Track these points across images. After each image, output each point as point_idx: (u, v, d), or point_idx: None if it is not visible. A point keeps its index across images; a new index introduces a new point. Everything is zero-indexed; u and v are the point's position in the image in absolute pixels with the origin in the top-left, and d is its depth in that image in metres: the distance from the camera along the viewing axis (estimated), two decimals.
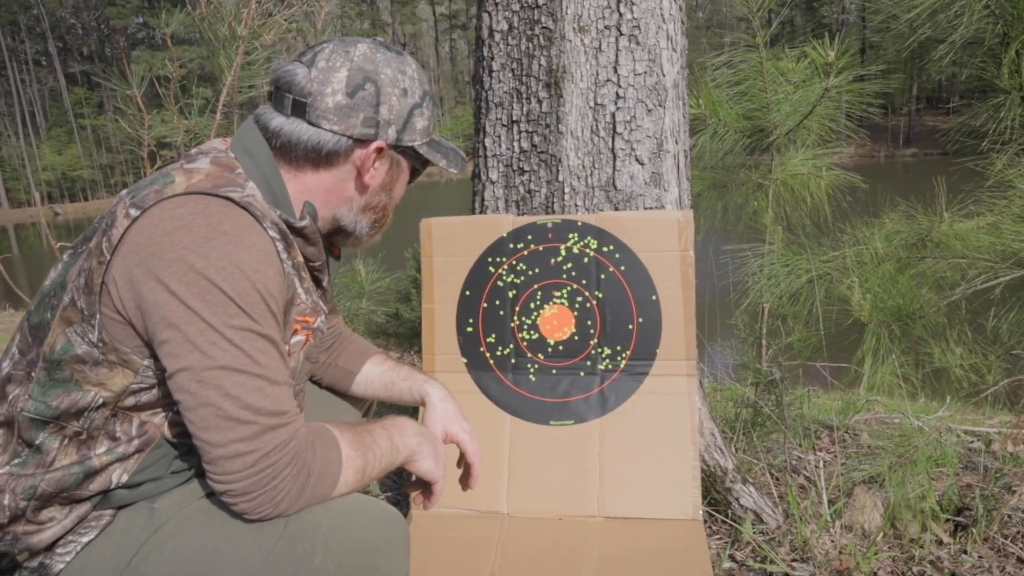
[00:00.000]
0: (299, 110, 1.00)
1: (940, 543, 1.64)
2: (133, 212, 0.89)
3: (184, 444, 1.01)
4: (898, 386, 1.83)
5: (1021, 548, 1.60)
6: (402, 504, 1.86)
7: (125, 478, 0.96)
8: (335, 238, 1.17)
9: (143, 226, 0.88)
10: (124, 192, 0.96)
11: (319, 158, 1.02)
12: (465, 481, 1.26)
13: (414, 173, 1.17)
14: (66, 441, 0.94)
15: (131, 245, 0.88)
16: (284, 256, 0.98)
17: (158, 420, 0.98)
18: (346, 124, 1.01)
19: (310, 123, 1.00)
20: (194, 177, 0.94)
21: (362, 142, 1.03)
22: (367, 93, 1.01)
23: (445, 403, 1.27)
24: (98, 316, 0.89)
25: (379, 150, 1.05)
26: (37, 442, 0.93)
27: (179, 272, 0.85)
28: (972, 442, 2.32)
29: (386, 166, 1.08)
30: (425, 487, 1.17)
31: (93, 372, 0.92)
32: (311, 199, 1.05)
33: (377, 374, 1.35)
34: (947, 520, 1.70)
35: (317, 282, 1.11)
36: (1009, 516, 1.69)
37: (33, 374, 0.94)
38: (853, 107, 2.14)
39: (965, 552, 1.60)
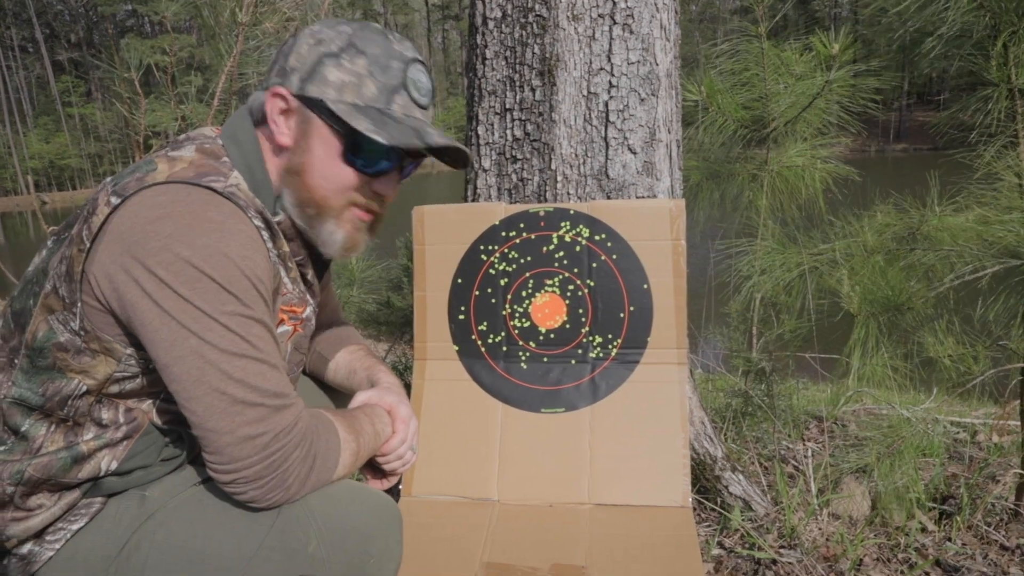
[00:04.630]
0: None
1: (925, 531, 1.66)
2: (114, 200, 0.87)
3: (174, 431, 1.00)
4: (888, 377, 1.84)
5: (1004, 536, 1.62)
6: (393, 492, 1.86)
7: (115, 465, 0.95)
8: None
9: (124, 215, 0.86)
10: (108, 179, 0.94)
11: (258, 118, 1.01)
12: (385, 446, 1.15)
13: (353, 147, 0.96)
14: (53, 427, 0.93)
15: (113, 234, 0.85)
16: (270, 245, 0.96)
17: (145, 407, 0.97)
18: (269, 79, 1.00)
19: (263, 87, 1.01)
20: (177, 165, 0.92)
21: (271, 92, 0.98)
22: (286, 45, 0.99)
23: (392, 387, 1.23)
24: (79, 304, 0.88)
25: (280, 97, 0.97)
26: (23, 429, 0.92)
27: (166, 261, 0.83)
28: (958, 433, 2.34)
29: (294, 120, 0.98)
30: (376, 470, 1.18)
31: (75, 360, 0.90)
32: (276, 178, 1.01)
33: (345, 362, 1.32)
34: (932, 508, 1.72)
35: (303, 276, 1.09)
36: (993, 505, 1.71)
37: (16, 361, 0.92)
38: (852, 101, 2.14)
39: (949, 540, 1.62)
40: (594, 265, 1.56)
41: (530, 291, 1.59)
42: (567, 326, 1.57)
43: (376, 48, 0.97)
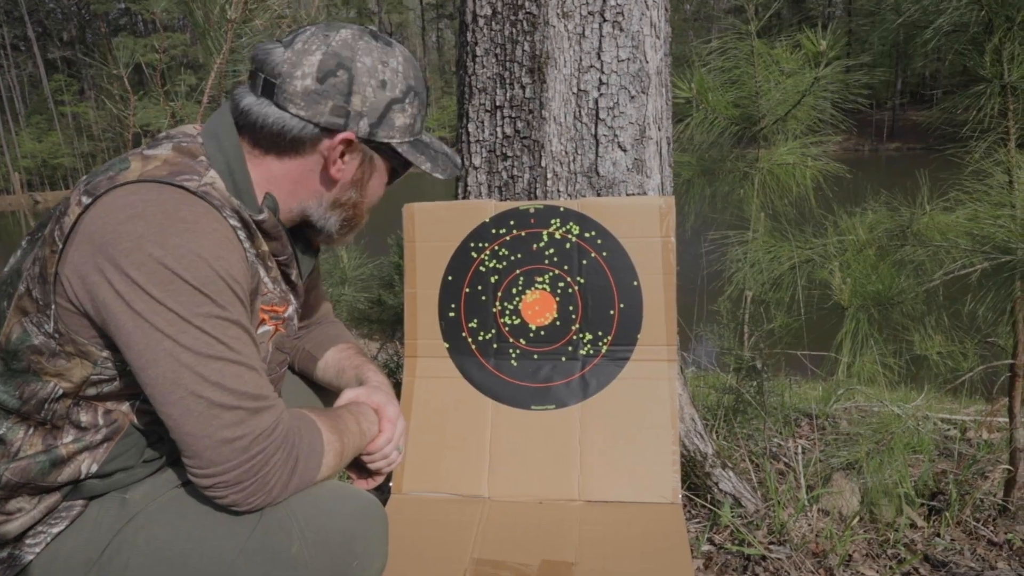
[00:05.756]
0: (268, 91, 0.96)
1: (914, 527, 1.67)
2: (85, 200, 0.86)
3: (155, 432, 0.99)
4: (879, 374, 1.85)
5: (992, 531, 1.63)
6: (382, 491, 1.86)
7: (95, 468, 0.94)
8: (306, 232, 1.12)
9: (95, 215, 0.84)
10: (83, 178, 0.92)
11: (284, 144, 0.97)
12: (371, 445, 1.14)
13: (394, 174, 1.10)
14: (31, 431, 0.91)
15: (84, 235, 0.84)
16: (247, 245, 0.95)
17: (124, 408, 0.96)
18: (313, 110, 0.96)
19: (278, 105, 0.96)
20: (150, 164, 0.90)
21: (330, 131, 0.97)
22: (338, 80, 0.96)
23: (380, 385, 1.22)
24: (53, 306, 0.86)
25: (347, 142, 0.99)
26: (0, 432, 0.90)
27: (138, 262, 0.81)
28: (948, 430, 2.36)
29: (356, 161, 1.02)
30: (361, 469, 1.17)
31: (51, 363, 0.89)
32: (276, 188, 1.00)
33: (334, 361, 1.31)
34: (921, 504, 1.73)
35: (286, 276, 1.08)
36: (981, 500, 1.72)
37: None
38: (842, 98, 2.15)
39: (938, 535, 1.63)
40: (584, 262, 1.56)
41: (520, 288, 1.59)
42: (557, 323, 1.57)
43: (423, 85, 1.06)
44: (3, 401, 0.90)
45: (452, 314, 1.61)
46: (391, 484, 1.53)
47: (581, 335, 1.56)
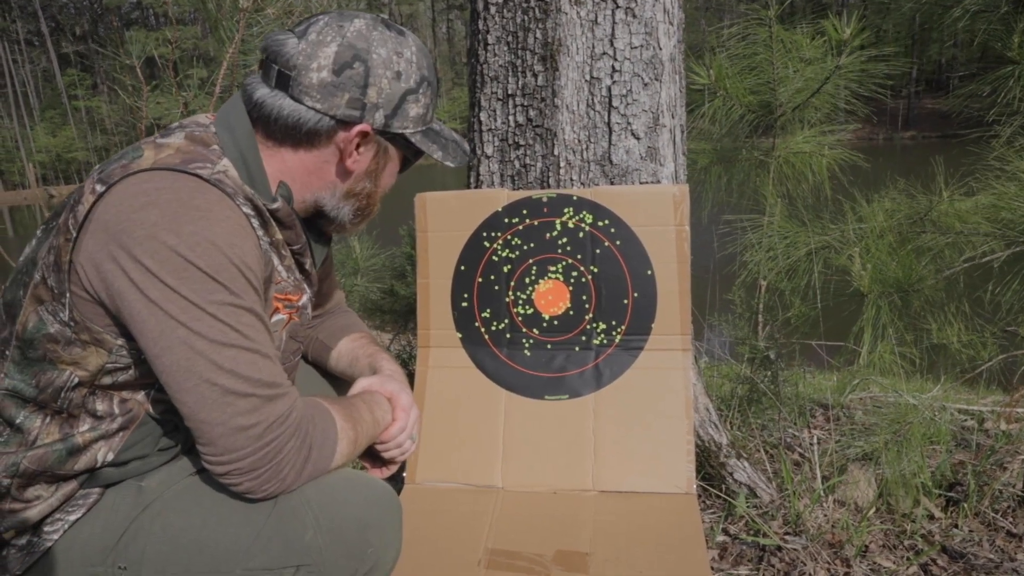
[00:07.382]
0: (283, 83, 0.95)
1: (932, 518, 1.65)
2: (99, 188, 0.86)
3: (170, 421, 0.99)
4: (895, 364, 1.83)
5: (1011, 523, 1.61)
6: (396, 481, 1.86)
7: (111, 456, 0.95)
8: (318, 222, 1.12)
9: (109, 203, 0.85)
10: (96, 167, 0.93)
11: (299, 136, 0.97)
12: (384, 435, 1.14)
13: (406, 163, 1.11)
14: (48, 419, 0.92)
15: (98, 223, 0.84)
16: (260, 233, 0.95)
17: (140, 397, 0.96)
18: (329, 103, 0.96)
19: (293, 98, 0.95)
20: (163, 152, 0.90)
21: (346, 124, 0.97)
22: (355, 72, 0.95)
23: (394, 374, 1.22)
24: (68, 295, 0.87)
25: (363, 134, 0.99)
26: (17, 421, 0.91)
27: (152, 250, 0.81)
28: (966, 420, 2.33)
29: (371, 152, 1.03)
30: (375, 458, 1.17)
31: (66, 351, 0.89)
32: (290, 179, 1.00)
33: (347, 350, 1.31)
34: (939, 495, 1.71)
35: (300, 265, 1.08)
36: (1000, 491, 1.70)
37: (8, 353, 0.92)
38: (861, 87, 2.11)
39: (956, 526, 1.61)
40: (597, 251, 1.55)
41: (533, 278, 1.58)
42: (570, 313, 1.56)
43: (434, 74, 1.06)
44: (20, 390, 0.91)
45: (465, 304, 1.60)
46: (404, 474, 1.53)
47: (595, 325, 1.55)
